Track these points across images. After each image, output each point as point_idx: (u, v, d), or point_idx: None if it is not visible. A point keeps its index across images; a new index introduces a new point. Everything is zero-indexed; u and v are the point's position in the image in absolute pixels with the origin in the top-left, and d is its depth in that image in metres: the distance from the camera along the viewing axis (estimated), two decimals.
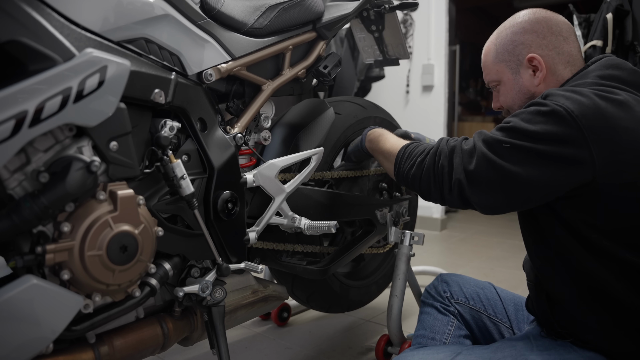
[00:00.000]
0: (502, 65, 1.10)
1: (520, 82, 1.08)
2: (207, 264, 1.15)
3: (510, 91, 1.10)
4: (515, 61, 1.07)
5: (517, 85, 1.08)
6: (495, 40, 1.11)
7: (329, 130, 1.46)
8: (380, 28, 1.66)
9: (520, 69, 1.07)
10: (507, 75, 1.10)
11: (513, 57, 1.08)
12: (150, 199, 1.00)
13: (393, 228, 1.56)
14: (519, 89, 1.08)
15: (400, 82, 3.93)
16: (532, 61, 1.05)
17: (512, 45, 1.08)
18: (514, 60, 1.08)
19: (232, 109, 1.19)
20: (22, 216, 0.78)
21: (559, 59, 1.04)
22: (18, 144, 0.76)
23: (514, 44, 1.07)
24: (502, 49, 1.09)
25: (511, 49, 1.08)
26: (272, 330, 1.92)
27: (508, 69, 1.09)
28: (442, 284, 1.32)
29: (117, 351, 1.00)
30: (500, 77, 1.11)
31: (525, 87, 1.07)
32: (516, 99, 1.09)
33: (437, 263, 2.67)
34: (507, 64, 1.09)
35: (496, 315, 1.24)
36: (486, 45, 1.14)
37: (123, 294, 0.96)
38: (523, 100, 1.08)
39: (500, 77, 1.11)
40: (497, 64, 1.10)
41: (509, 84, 1.10)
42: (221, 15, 1.15)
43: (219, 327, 1.13)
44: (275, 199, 1.23)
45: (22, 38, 0.77)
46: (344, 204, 1.49)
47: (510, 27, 1.09)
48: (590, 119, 0.86)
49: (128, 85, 0.90)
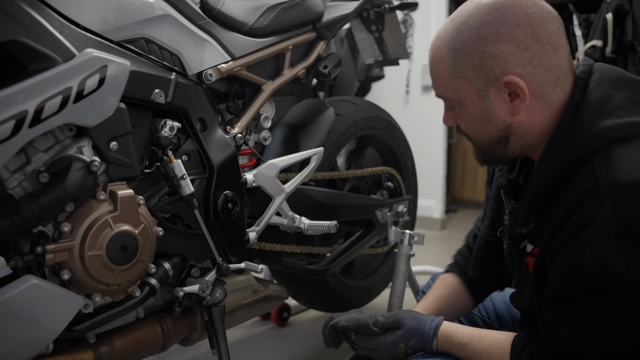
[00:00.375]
0: (462, 82, 0.80)
1: (490, 109, 0.79)
2: (207, 264, 1.15)
3: (475, 119, 0.82)
4: (484, 80, 0.78)
5: (486, 113, 0.80)
6: (451, 43, 0.79)
7: (328, 130, 1.46)
8: (380, 28, 1.66)
9: (490, 91, 0.78)
10: (469, 97, 0.80)
11: (480, 75, 0.77)
12: (150, 199, 1.00)
13: (393, 228, 1.56)
14: (488, 117, 0.80)
15: (400, 82, 3.93)
16: (510, 85, 0.76)
17: (478, 58, 0.76)
18: (482, 79, 0.78)
19: (232, 109, 1.19)
20: (22, 216, 0.78)
21: (547, 79, 0.76)
22: (18, 144, 0.76)
23: (482, 57, 0.76)
24: (464, 60, 0.78)
25: (477, 63, 0.77)
26: (272, 330, 1.92)
27: (471, 89, 0.79)
28: None
29: (117, 351, 1.00)
30: (459, 97, 0.82)
31: (497, 116, 0.80)
32: (484, 129, 0.82)
33: (437, 263, 2.67)
34: (471, 82, 0.79)
35: (489, 317, 1.24)
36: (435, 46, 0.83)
37: (123, 294, 0.96)
38: (494, 132, 0.81)
39: (459, 97, 0.82)
40: (455, 79, 0.80)
41: (472, 109, 0.81)
42: (221, 15, 1.15)
43: (219, 327, 1.13)
44: (275, 199, 1.23)
45: (22, 38, 0.77)
46: (344, 204, 1.49)
47: (475, 26, 0.77)
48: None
49: (128, 85, 0.90)
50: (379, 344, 0.93)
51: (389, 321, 0.94)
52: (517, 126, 0.80)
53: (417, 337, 0.91)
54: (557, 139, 0.77)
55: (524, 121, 0.80)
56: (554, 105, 0.79)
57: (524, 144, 0.83)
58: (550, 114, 0.79)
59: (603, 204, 0.66)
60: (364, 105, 1.64)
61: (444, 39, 0.81)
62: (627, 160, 0.69)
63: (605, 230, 0.66)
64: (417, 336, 0.91)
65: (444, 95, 0.86)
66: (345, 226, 1.66)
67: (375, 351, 0.95)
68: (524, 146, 0.84)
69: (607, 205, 0.66)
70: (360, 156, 1.75)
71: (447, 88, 0.83)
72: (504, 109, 0.79)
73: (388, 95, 3.96)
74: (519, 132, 0.81)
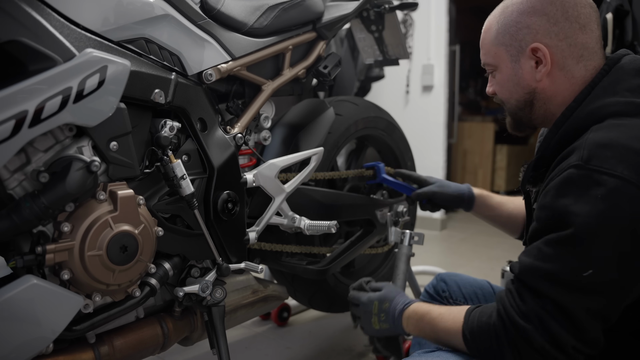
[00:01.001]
0: (501, 49, 0.92)
1: (519, 74, 0.91)
2: (207, 264, 1.15)
3: (507, 82, 0.94)
4: (517, 47, 0.90)
5: (516, 77, 0.92)
6: (499, 17, 0.93)
7: (328, 130, 1.46)
8: (380, 28, 1.66)
9: (521, 58, 0.90)
10: (505, 62, 0.93)
11: (514, 42, 0.90)
12: (150, 199, 1.00)
13: (393, 228, 1.56)
14: (517, 81, 0.92)
15: (400, 82, 3.93)
16: (536, 52, 0.88)
17: (515, 27, 0.90)
18: (515, 46, 0.90)
19: (232, 109, 1.19)
20: (22, 216, 0.78)
21: (570, 52, 0.87)
22: (18, 144, 0.76)
23: (518, 27, 0.89)
24: (504, 29, 0.91)
25: (514, 31, 0.90)
26: (272, 330, 1.92)
27: (507, 55, 0.92)
28: (440, 283, 1.31)
29: (117, 351, 1.00)
30: (497, 62, 0.94)
31: (524, 80, 0.91)
32: (513, 92, 0.94)
33: (437, 263, 2.67)
34: (507, 48, 0.91)
35: None
36: (488, 20, 0.96)
37: (123, 294, 0.96)
38: (521, 96, 0.93)
39: (497, 62, 0.94)
40: (495, 46, 0.93)
41: (505, 73, 0.94)
42: (221, 15, 1.15)
43: (219, 327, 1.13)
44: (275, 199, 1.23)
45: (22, 38, 0.77)
46: (344, 204, 1.49)
47: (518, 3, 0.90)
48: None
49: (128, 85, 0.90)
50: (362, 299, 1.13)
51: (377, 284, 1.16)
52: (541, 92, 0.91)
53: (390, 303, 1.07)
54: (569, 111, 0.87)
55: (547, 88, 0.90)
56: (575, 79, 0.88)
57: (546, 111, 0.93)
58: (571, 86, 0.89)
59: (579, 156, 0.76)
60: (363, 105, 1.64)
61: (494, 14, 0.95)
62: (614, 128, 0.78)
63: (573, 176, 0.75)
64: (391, 302, 1.07)
65: (486, 62, 0.97)
66: (345, 226, 1.66)
67: (356, 307, 1.16)
68: (546, 113, 0.93)
69: (581, 156, 0.76)
70: (360, 156, 1.75)
71: (489, 54, 0.96)
72: (531, 75, 0.90)
73: (388, 95, 3.96)
74: (542, 98, 0.92)
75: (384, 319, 1.08)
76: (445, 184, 1.42)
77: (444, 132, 3.82)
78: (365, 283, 1.17)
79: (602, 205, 0.72)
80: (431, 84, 3.82)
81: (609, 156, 0.74)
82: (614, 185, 0.72)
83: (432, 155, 3.81)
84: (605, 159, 0.73)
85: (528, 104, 0.94)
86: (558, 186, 0.77)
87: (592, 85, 0.86)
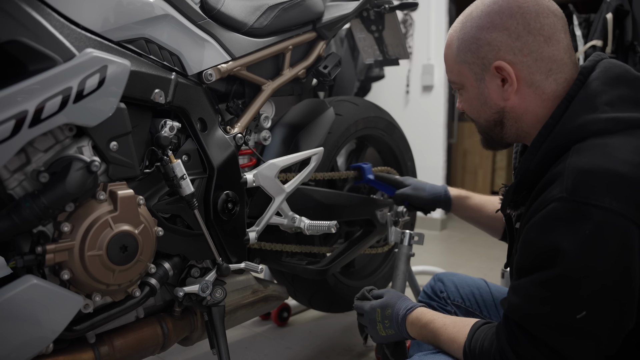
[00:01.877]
0: (464, 67, 0.88)
1: (485, 93, 0.87)
2: (207, 264, 1.15)
3: (474, 101, 0.90)
4: (480, 65, 0.85)
5: (482, 97, 0.87)
6: (459, 32, 0.88)
7: (328, 130, 1.46)
8: (380, 28, 1.66)
9: (486, 76, 0.85)
10: (469, 80, 0.88)
11: (477, 60, 0.85)
12: (150, 199, 1.00)
13: (393, 228, 1.56)
14: (484, 100, 0.87)
15: (400, 82, 3.93)
16: (500, 70, 0.83)
17: (475, 44, 0.84)
18: (478, 64, 0.85)
19: (232, 109, 1.19)
20: (22, 216, 0.78)
21: (537, 67, 0.81)
22: (18, 144, 0.76)
23: (479, 43, 0.84)
24: (464, 46, 0.86)
25: (475, 49, 0.85)
26: (272, 330, 1.92)
27: (471, 73, 0.87)
28: (438, 284, 1.31)
29: (117, 351, 1.00)
30: (462, 80, 0.90)
31: (491, 99, 0.86)
32: (481, 112, 0.90)
33: (437, 263, 2.67)
34: (470, 66, 0.87)
35: (491, 317, 1.23)
36: (449, 34, 0.91)
37: (123, 294, 0.96)
38: (490, 116, 0.88)
39: (462, 80, 0.90)
40: (458, 64, 0.88)
41: (472, 92, 0.89)
42: (221, 15, 1.15)
43: (219, 327, 1.13)
44: (275, 199, 1.23)
45: (22, 38, 0.77)
46: (344, 203, 1.49)
47: (476, 17, 0.85)
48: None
49: (128, 85, 0.90)
50: (365, 307, 1.10)
51: (378, 292, 1.11)
52: (510, 110, 0.86)
53: (393, 309, 1.03)
54: (547, 130, 0.81)
55: (517, 106, 0.85)
56: (547, 95, 0.83)
57: (518, 129, 0.88)
58: (543, 102, 0.84)
59: (563, 187, 0.71)
60: (363, 105, 1.64)
61: (454, 29, 0.90)
62: (597, 150, 0.73)
63: (559, 210, 0.70)
64: (393, 308, 1.03)
65: (451, 79, 0.93)
66: (345, 226, 1.66)
67: (361, 316, 1.12)
68: (519, 131, 0.89)
69: (566, 187, 0.71)
70: (360, 156, 1.75)
71: (453, 72, 0.91)
72: (497, 94, 0.86)
73: (388, 95, 3.96)
74: (513, 117, 0.87)
75: (388, 325, 1.06)
76: (419, 187, 1.41)
77: (444, 132, 3.82)
78: (368, 291, 1.14)
79: (590, 241, 0.67)
80: (431, 84, 3.82)
81: (595, 185, 0.69)
82: (602, 219, 0.67)
83: (432, 155, 3.81)
84: (592, 190, 0.68)
85: (498, 123, 0.89)
86: (542, 221, 0.73)
87: (568, 99, 0.80)
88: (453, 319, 0.94)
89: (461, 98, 0.94)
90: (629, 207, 0.67)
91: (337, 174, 1.47)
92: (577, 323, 0.69)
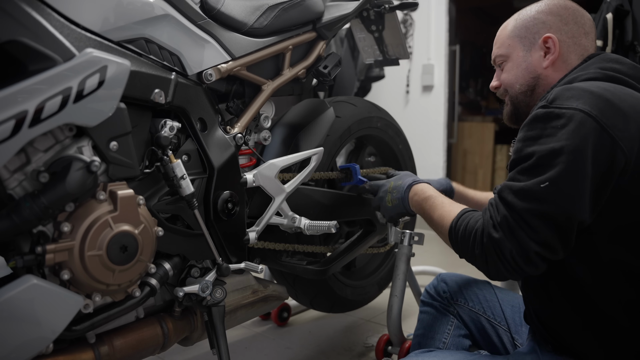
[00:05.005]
0: (515, 40, 1.07)
1: (528, 60, 1.05)
2: (207, 264, 1.15)
3: (516, 68, 1.07)
4: (531, 38, 1.05)
5: (525, 63, 1.06)
6: (517, 16, 1.09)
7: (328, 130, 1.45)
8: (380, 28, 1.66)
9: (533, 48, 1.05)
10: (517, 51, 1.07)
11: (529, 34, 1.05)
12: (150, 199, 1.00)
13: (393, 228, 1.56)
14: (526, 66, 1.06)
15: (400, 82, 3.93)
16: (547, 42, 1.02)
17: (532, 21, 1.05)
18: (529, 37, 1.05)
19: (232, 109, 1.19)
20: (22, 216, 0.78)
21: (574, 49, 1.02)
22: (18, 144, 0.76)
23: (535, 21, 1.05)
24: (521, 23, 1.07)
25: (531, 25, 1.05)
26: (272, 330, 1.92)
27: (520, 44, 1.06)
28: (441, 284, 1.31)
29: (117, 351, 1.00)
30: (509, 51, 1.08)
31: (532, 66, 1.05)
32: (519, 77, 1.07)
33: (437, 263, 2.67)
34: (521, 40, 1.06)
35: (494, 318, 1.24)
36: (506, 21, 1.12)
37: (123, 294, 0.96)
38: (526, 80, 1.06)
39: (509, 51, 1.08)
40: (511, 37, 1.08)
41: (516, 60, 1.07)
42: (221, 15, 1.15)
43: (219, 327, 1.13)
44: (275, 199, 1.23)
45: (22, 38, 0.77)
46: (344, 203, 1.49)
47: (536, 6, 1.07)
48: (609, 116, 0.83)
49: (128, 85, 0.90)
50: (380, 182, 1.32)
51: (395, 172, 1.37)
52: (544, 78, 1.04)
53: (403, 180, 1.23)
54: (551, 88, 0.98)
55: (549, 75, 1.03)
56: None
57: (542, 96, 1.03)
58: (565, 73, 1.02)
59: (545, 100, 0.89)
60: (363, 105, 1.64)
61: (512, 16, 1.10)
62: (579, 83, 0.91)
63: (539, 113, 0.88)
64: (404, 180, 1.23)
65: (499, 53, 1.10)
66: (345, 226, 1.66)
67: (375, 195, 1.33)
68: None
69: (547, 99, 0.89)
70: (360, 156, 1.75)
71: (503, 46, 1.09)
72: (539, 62, 1.04)
73: (388, 95, 3.96)
74: (543, 84, 1.04)
75: (395, 195, 1.23)
76: None
77: (444, 132, 3.82)
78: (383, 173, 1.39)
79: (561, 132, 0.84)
80: (431, 84, 3.82)
81: (569, 96, 0.86)
82: (570, 115, 0.83)
83: (432, 156, 3.81)
84: (566, 99, 0.86)
85: (530, 88, 1.06)
86: (527, 123, 0.90)
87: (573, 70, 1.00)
88: (451, 201, 1.08)
89: (499, 74, 1.11)
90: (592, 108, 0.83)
91: (326, 174, 1.46)
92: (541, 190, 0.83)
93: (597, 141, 0.82)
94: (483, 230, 0.90)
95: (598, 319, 0.90)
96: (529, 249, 0.84)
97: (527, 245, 0.84)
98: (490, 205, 0.92)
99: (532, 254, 0.84)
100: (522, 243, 0.84)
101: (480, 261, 0.91)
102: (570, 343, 0.96)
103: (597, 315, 0.90)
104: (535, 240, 0.84)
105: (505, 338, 1.22)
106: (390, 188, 1.26)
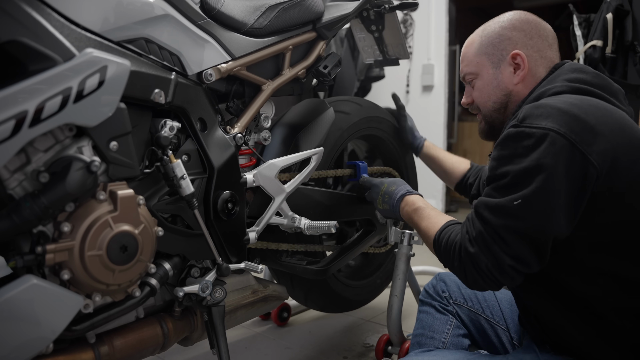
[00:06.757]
0: (483, 57, 1.08)
1: (499, 78, 1.07)
2: (207, 264, 1.15)
3: (487, 86, 1.08)
4: (498, 55, 1.06)
5: (495, 81, 1.07)
6: (482, 32, 1.10)
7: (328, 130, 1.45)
8: (380, 28, 1.66)
9: (502, 65, 1.06)
10: (486, 68, 1.08)
11: (496, 51, 1.06)
12: (150, 199, 1.00)
13: (393, 228, 1.56)
14: (497, 84, 1.07)
15: (400, 82, 3.93)
16: (516, 58, 1.04)
17: (498, 38, 1.07)
18: (497, 54, 1.06)
19: (232, 109, 1.19)
20: (22, 216, 0.78)
21: (541, 62, 1.05)
22: (18, 144, 0.76)
23: (501, 38, 1.06)
24: (487, 41, 1.08)
25: (497, 42, 1.07)
26: (272, 330, 1.92)
27: (489, 62, 1.08)
28: (440, 283, 1.32)
29: (117, 351, 1.00)
30: (479, 70, 1.09)
31: (503, 83, 1.06)
32: (492, 95, 1.08)
33: (437, 263, 2.66)
34: (489, 57, 1.08)
35: (493, 318, 1.24)
36: (470, 37, 1.13)
37: (123, 294, 0.96)
38: (499, 98, 1.07)
39: (479, 70, 1.09)
40: (478, 55, 1.09)
41: (487, 78, 1.08)
42: (221, 15, 1.15)
43: (219, 327, 1.13)
44: (275, 199, 1.23)
45: (22, 38, 0.77)
46: (344, 203, 1.49)
47: (499, 22, 1.08)
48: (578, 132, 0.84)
49: (128, 85, 0.90)
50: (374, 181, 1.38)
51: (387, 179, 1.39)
52: (515, 94, 1.06)
53: (396, 188, 1.28)
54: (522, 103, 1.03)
55: (520, 91, 1.06)
56: None
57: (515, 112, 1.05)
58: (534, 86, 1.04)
59: (516, 119, 0.91)
60: (364, 105, 1.64)
61: (476, 32, 1.12)
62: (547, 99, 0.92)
63: (510, 132, 0.90)
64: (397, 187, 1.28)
65: (468, 71, 1.12)
66: (345, 226, 1.66)
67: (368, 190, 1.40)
68: None
69: (518, 118, 0.91)
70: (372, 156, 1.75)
71: (471, 64, 1.11)
72: (509, 79, 1.06)
73: (388, 95, 3.95)
74: (514, 100, 1.07)
75: (386, 200, 1.28)
76: None
77: (444, 132, 3.83)
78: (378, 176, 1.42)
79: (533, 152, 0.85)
80: (431, 84, 3.82)
81: (538, 114, 0.87)
82: (540, 135, 0.85)
83: None
84: (535, 117, 0.87)
85: (503, 105, 1.08)
86: (500, 142, 0.92)
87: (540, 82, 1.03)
88: (439, 213, 1.13)
89: (470, 91, 1.13)
90: (561, 126, 0.84)
91: (331, 172, 1.47)
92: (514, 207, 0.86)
93: (568, 157, 0.84)
94: (461, 245, 0.94)
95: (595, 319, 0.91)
96: (503, 263, 0.87)
97: (502, 259, 0.87)
98: (468, 220, 0.95)
99: (506, 267, 0.87)
100: (496, 257, 0.87)
101: (459, 272, 0.95)
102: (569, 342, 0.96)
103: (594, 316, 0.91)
104: (509, 254, 0.87)
105: (504, 337, 1.22)
106: (382, 192, 1.31)
